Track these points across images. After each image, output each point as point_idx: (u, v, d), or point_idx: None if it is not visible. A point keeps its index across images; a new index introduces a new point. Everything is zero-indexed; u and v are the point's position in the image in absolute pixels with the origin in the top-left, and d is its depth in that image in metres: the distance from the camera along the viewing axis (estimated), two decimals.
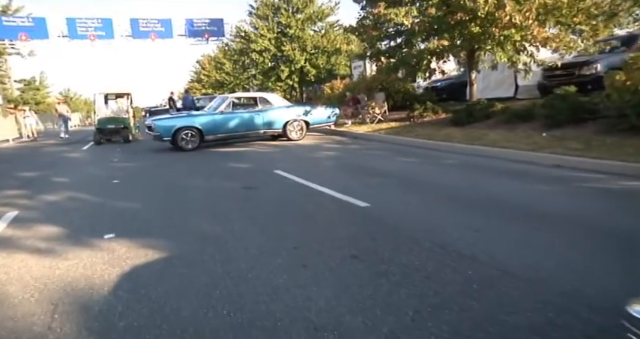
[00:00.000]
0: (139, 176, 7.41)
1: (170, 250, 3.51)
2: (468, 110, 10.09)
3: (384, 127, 11.90)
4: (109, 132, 14.18)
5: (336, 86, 19.17)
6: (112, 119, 14.47)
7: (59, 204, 5.48)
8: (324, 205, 4.76)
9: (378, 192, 5.16)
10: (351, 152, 8.95)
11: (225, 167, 7.88)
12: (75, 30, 24.50)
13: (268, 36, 22.09)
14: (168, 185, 6.40)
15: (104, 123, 14.24)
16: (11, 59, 42.79)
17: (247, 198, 5.28)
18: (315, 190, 5.41)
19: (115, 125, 14.20)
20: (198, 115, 10.79)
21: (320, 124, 11.94)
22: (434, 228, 3.71)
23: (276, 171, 6.94)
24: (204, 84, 47.65)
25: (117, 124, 14.25)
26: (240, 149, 10.37)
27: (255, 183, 6.10)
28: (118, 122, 14.33)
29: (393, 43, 10.77)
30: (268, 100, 11.43)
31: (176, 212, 4.73)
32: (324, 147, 10.12)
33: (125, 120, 14.45)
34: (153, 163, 8.93)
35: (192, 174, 7.33)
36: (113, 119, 14.47)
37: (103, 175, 7.60)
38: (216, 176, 6.94)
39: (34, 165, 9.71)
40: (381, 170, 6.66)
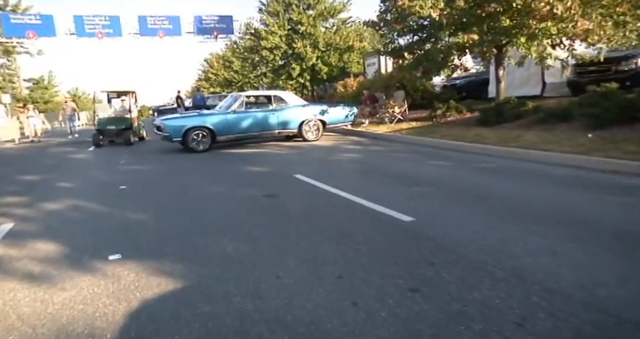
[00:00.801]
0: (148, 181, 6.86)
1: (187, 277, 2.93)
2: (497, 109, 9.42)
3: (405, 127, 11.27)
4: (109, 133, 13.17)
5: (349, 84, 18.55)
6: (113, 119, 13.53)
7: (60, 214, 4.93)
8: (359, 218, 4.15)
9: (419, 203, 4.54)
10: (374, 154, 8.34)
11: (240, 171, 7.30)
12: (82, 27, 24.11)
13: (279, 33, 21.51)
14: (180, 192, 5.83)
15: (104, 124, 13.25)
16: (20, 58, 42.83)
17: (270, 209, 4.69)
18: (345, 200, 4.81)
19: (115, 126, 13.14)
20: (209, 115, 10.23)
21: (337, 124, 11.33)
22: (500, 251, 3.09)
23: (297, 175, 6.36)
24: (212, 82, 47.23)
25: (118, 124, 13.21)
26: (254, 151, 9.80)
27: (275, 190, 5.51)
28: (120, 123, 13.29)
29: (416, 38, 10.09)
30: (283, 98, 10.84)
31: (191, 226, 4.15)
32: (343, 148, 9.51)
33: (127, 120, 13.43)
34: (162, 166, 8.38)
35: (206, 179, 6.76)
36: (114, 119, 13.53)
37: (109, 180, 7.06)
38: (232, 181, 6.36)
39: (37, 167, 9.20)
40: (413, 176, 6.04)
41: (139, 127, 14.48)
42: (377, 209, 4.31)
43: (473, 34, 8.52)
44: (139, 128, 14.29)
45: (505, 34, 8.85)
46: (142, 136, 14.49)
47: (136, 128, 13.95)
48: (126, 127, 13.18)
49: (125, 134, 13.02)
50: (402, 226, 3.81)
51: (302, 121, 10.72)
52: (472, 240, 3.34)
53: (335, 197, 4.97)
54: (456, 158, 7.23)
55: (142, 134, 14.58)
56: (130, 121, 13.39)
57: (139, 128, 14.29)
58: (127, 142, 12.87)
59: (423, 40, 10.11)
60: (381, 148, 9.00)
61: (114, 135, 13.16)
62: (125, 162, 9.18)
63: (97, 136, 12.93)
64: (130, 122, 13.38)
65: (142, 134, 14.48)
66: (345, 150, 9.23)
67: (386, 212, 4.19)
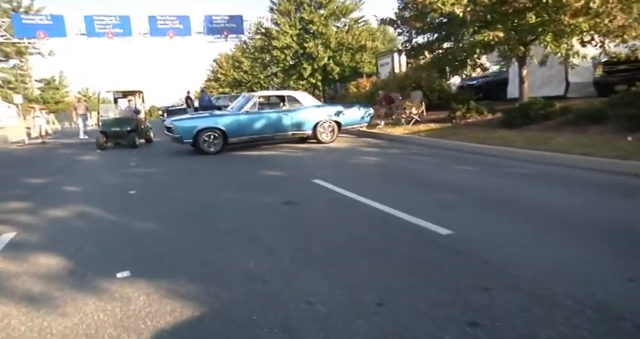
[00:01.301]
0: (159, 186, 6.53)
1: (205, 301, 2.57)
2: (522, 110, 8.98)
3: (423, 128, 10.85)
4: (113, 135, 12.36)
5: (362, 85, 18.15)
6: (118, 121, 12.75)
7: (65, 222, 4.60)
8: (391, 230, 3.76)
9: (453, 212, 4.14)
10: (394, 158, 7.94)
11: (255, 175, 6.94)
12: (93, 27, 23.99)
13: (290, 32, 21.17)
14: (192, 198, 5.48)
15: (108, 125, 12.49)
16: (32, 59, 43.08)
17: (291, 218, 4.32)
18: (372, 208, 4.43)
19: (120, 128, 12.34)
20: (221, 116, 9.90)
21: (353, 126, 10.94)
22: (563, 273, 2.69)
23: (316, 180, 5.99)
24: (221, 83, 47.05)
25: (123, 126, 12.40)
26: (267, 153, 9.44)
27: (295, 196, 5.15)
28: (125, 124, 12.48)
29: (436, 36, 9.65)
30: (297, 99, 10.48)
31: (206, 238, 3.79)
32: (360, 151, 9.12)
33: (132, 121, 12.66)
34: (174, 168, 8.06)
35: (220, 183, 6.41)
36: (119, 121, 12.74)
37: (118, 184, 6.74)
38: (248, 186, 6.00)
39: (44, 170, 8.92)
40: (441, 182, 5.63)
41: (147, 128, 13.84)
42: (408, 220, 3.92)
43: (498, 31, 8.09)
44: (146, 130, 13.66)
45: (531, 31, 8.40)
46: (150, 138, 13.83)
47: (143, 130, 13.35)
48: (131, 129, 12.44)
49: (130, 136, 12.29)
50: (439, 240, 3.41)
51: (317, 122, 10.35)
52: (524, 259, 2.94)
53: (360, 205, 4.59)
54: (483, 162, 6.81)
55: (150, 136, 13.90)
56: (136, 123, 12.74)
57: (146, 130, 13.66)
58: (131, 144, 12.13)
59: (443, 38, 9.68)
60: (401, 151, 8.60)
61: (118, 137, 12.43)
62: (135, 164, 8.87)
63: (100, 139, 12.28)
64: (136, 123, 12.71)
65: (149, 136, 13.84)
66: (362, 153, 8.85)
67: (419, 224, 3.80)
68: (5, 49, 36.26)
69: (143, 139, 13.25)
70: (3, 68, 41.06)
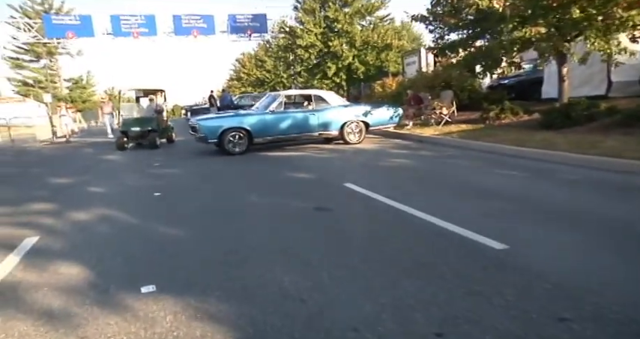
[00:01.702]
0: (184, 188, 6.33)
1: (238, 326, 2.29)
2: (563, 111, 8.44)
3: (454, 129, 10.39)
4: (134, 135, 11.89)
5: (387, 84, 17.72)
6: (139, 120, 12.27)
7: (88, 228, 4.42)
8: (437, 242, 3.41)
9: (506, 224, 3.76)
10: (427, 161, 7.55)
11: (283, 178, 6.67)
12: (119, 27, 24.27)
13: (315, 31, 20.90)
14: (219, 202, 5.24)
15: (129, 125, 12.01)
16: (61, 59, 44.16)
17: (325, 227, 4.01)
18: (412, 216, 4.09)
19: (140, 127, 11.85)
20: (246, 115, 9.68)
21: (381, 126, 10.57)
22: None
23: (348, 184, 5.67)
24: (243, 82, 47.22)
25: (143, 126, 11.91)
26: (293, 154, 9.17)
27: (327, 202, 4.85)
28: (145, 124, 11.98)
29: (471, 33, 9.18)
30: (324, 98, 10.18)
31: (235, 248, 3.52)
32: (390, 153, 8.76)
33: (153, 121, 12.09)
34: (199, 170, 7.87)
35: (246, 186, 6.16)
36: (139, 120, 12.26)
37: (143, 186, 6.58)
38: (276, 190, 5.73)
39: (69, 169, 8.88)
40: (485, 188, 5.23)
41: (169, 128, 13.48)
42: (455, 231, 3.57)
43: (539, 27, 7.58)
44: (167, 129, 13.32)
45: (574, 26, 7.87)
46: (171, 138, 13.49)
47: (165, 130, 13.03)
48: (152, 129, 11.91)
49: (151, 137, 11.77)
50: (495, 255, 3.06)
51: (344, 122, 10.03)
52: (600, 282, 2.56)
53: (399, 213, 4.25)
54: (527, 167, 6.36)
55: (172, 136, 13.53)
56: (157, 122, 12.18)
57: (167, 129, 13.32)
58: (152, 145, 11.65)
59: (478, 35, 9.20)
60: (433, 153, 8.20)
61: (139, 137, 11.94)
62: (159, 164, 8.74)
63: (120, 139, 11.89)
64: (157, 123, 12.15)
65: (171, 136, 13.46)
66: (393, 155, 8.48)
67: (468, 235, 3.44)
68: (37, 49, 37.24)
69: (164, 139, 12.98)
70: (34, 68, 42.25)
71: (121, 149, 11.61)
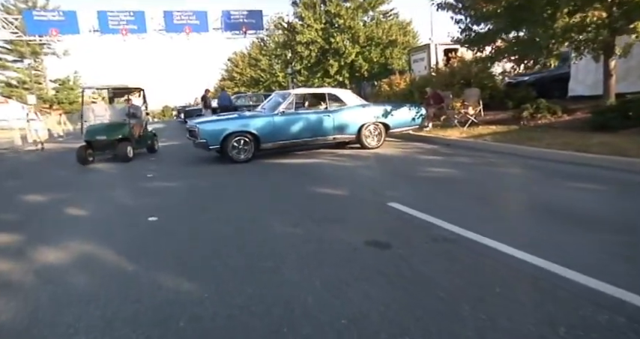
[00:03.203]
0: (185, 208, 5.11)
1: None
2: (620, 110, 7.37)
3: (485, 132, 9.29)
4: (99, 146, 9.47)
5: (395, 82, 16.61)
6: (106, 127, 9.78)
7: (58, 277, 3.20)
8: (568, 303, 2.26)
9: (625, 267, 2.63)
10: (471, 170, 6.41)
11: (307, 194, 5.47)
12: (106, 24, 22.98)
13: (315, 26, 19.71)
14: (232, 231, 4.04)
15: (93, 132, 9.56)
16: (47, 59, 42.48)
17: (395, 276, 2.83)
18: (510, 258, 2.95)
19: (107, 136, 9.40)
20: (252, 117, 8.46)
21: (402, 128, 9.43)
22: None
23: (392, 204, 4.52)
24: (236, 82, 45.84)
25: (111, 134, 9.49)
26: (306, 162, 7.98)
27: (377, 232, 3.69)
28: (114, 131, 9.57)
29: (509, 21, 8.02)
30: (339, 97, 9.00)
31: (269, 315, 2.34)
32: (421, 160, 7.61)
33: (124, 128, 9.66)
34: (199, 182, 6.65)
35: (263, 205, 4.96)
36: (107, 127, 9.78)
37: (134, 206, 5.34)
38: (305, 213, 4.53)
39: (47, 183, 7.55)
40: (574, 210, 4.08)
41: (148, 135, 11.03)
42: (596, 288, 2.43)
43: (599, 10, 6.49)
44: (147, 137, 10.89)
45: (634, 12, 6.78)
46: (153, 147, 11.08)
47: (144, 137, 10.65)
48: (123, 138, 9.53)
49: (121, 147, 9.32)
50: None
51: (362, 124, 8.87)
52: None
53: (488, 252, 3.10)
54: (602, 178, 5.25)
55: (154, 144, 11.13)
56: (129, 129, 9.73)
57: (147, 137, 10.89)
58: (122, 157, 9.28)
59: (518, 23, 8.07)
60: (473, 161, 7.07)
61: (106, 147, 9.54)
62: (152, 175, 7.48)
63: (82, 150, 9.26)
64: (129, 130, 9.73)
65: (152, 144, 11.05)
66: (425, 162, 7.33)
67: (609, 292, 2.31)
68: (20, 49, 35.62)
69: (144, 148, 10.76)
70: (18, 68, 40.52)
71: (83, 163, 9.16)
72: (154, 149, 11.08)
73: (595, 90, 11.75)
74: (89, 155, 9.36)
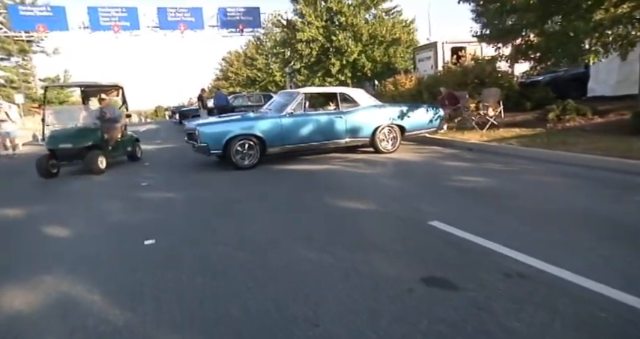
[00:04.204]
0: (188, 229, 4.34)
1: None
2: None
3: (508, 135, 8.60)
4: (64, 155, 7.81)
5: (401, 82, 15.91)
6: (72, 133, 8.07)
7: (28, 328, 2.43)
8: None
9: None
10: (506, 178, 5.70)
11: (328, 209, 4.70)
12: (97, 20, 22.06)
13: (316, 24, 18.96)
14: (250, 262, 3.30)
15: (56, 139, 7.89)
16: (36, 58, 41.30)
17: (474, 331, 2.11)
18: (612, 302, 2.23)
19: (73, 144, 7.78)
20: (258, 119, 7.69)
21: (419, 131, 8.72)
22: None
23: (434, 223, 3.82)
24: (231, 82, 44.94)
25: (78, 141, 7.85)
26: (318, 168, 7.25)
27: (430, 263, 2.97)
28: (82, 138, 7.93)
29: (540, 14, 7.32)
30: (352, 97, 8.26)
31: None
32: (444, 166, 6.90)
33: (94, 134, 8.09)
34: (201, 193, 5.88)
35: (284, 225, 4.20)
36: (74, 133, 8.07)
37: (127, 224, 4.56)
38: (331, 235, 3.78)
39: (25, 194, 6.71)
40: None
41: (128, 141, 9.30)
42: None
43: None
44: (127, 143, 9.17)
45: None
46: (135, 154, 9.51)
47: (122, 144, 8.98)
48: (93, 145, 7.98)
49: (90, 156, 7.74)
50: None
51: (377, 127, 8.15)
52: None
53: (578, 291, 2.39)
54: None
55: (136, 151, 9.53)
56: (101, 135, 8.18)
57: (127, 143, 9.17)
58: (91, 168, 7.72)
59: (548, 16, 7.38)
60: (506, 168, 6.36)
61: (72, 157, 7.87)
62: (148, 184, 6.70)
63: (44, 161, 7.69)
64: (101, 136, 8.18)
65: (134, 151, 9.44)
66: (451, 169, 6.62)
67: None
68: (7, 46, 34.48)
69: (124, 156, 9.24)
70: (5, 67, 39.31)
71: (45, 175, 7.63)
72: (135, 157, 9.49)
73: (618, 90, 11.12)
74: (52, 166, 7.75)
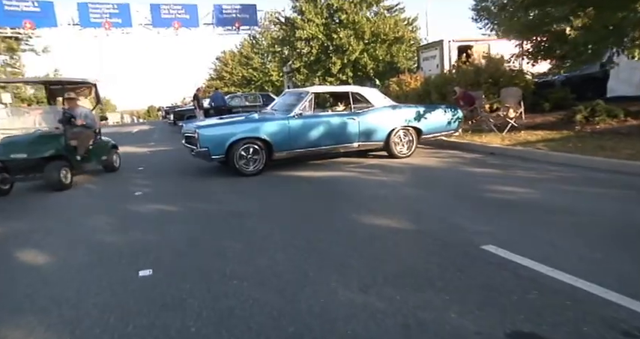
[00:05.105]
0: (192, 254, 3.63)
1: None
2: None
3: (532, 138, 7.98)
4: (19, 167, 6.35)
5: (406, 82, 15.29)
6: (31, 141, 6.56)
7: None
8: None
9: None
10: (547, 188, 5.04)
11: (357, 229, 3.98)
12: (87, 16, 21.20)
13: (316, 21, 18.28)
14: (278, 305, 2.60)
15: (8, 148, 6.39)
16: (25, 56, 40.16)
17: None
18: None
19: (27, 154, 6.29)
20: (263, 121, 6.99)
21: (436, 134, 8.06)
22: None
23: (488, 248, 3.18)
24: (226, 82, 44.08)
25: (35, 150, 6.35)
26: (331, 175, 6.56)
27: (504, 307, 2.29)
28: (40, 146, 6.46)
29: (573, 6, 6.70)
30: (365, 97, 7.59)
31: None
32: (471, 174, 6.23)
33: (56, 141, 6.59)
34: (206, 206, 5.15)
35: (308, 252, 3.49)
36: (32, 141, 6.56)
37: (116, 248, 3.82)
38: (369, 265, 3.09)
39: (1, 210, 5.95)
40: None
41: (103, 148, 7.74)
42: None
43: None
44: (100, 151, 7.60)
45: None
46: (112, 164, 7.91)
47: (95, 152, 7.39)
48: (56, 155, 6.45)
49: (50, 169, 6.24)
50: None
51: (391, 129, 7.49)
52: None
53: None
54: None
55: (112, 160, 7.90)
56: (65, 143, 6.64)
57: (100, 151, 7.60)
58: (51, 184, 6.27)
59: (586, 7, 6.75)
60: (540, 175, 5.72)
61: (29, 170, 6.36)
62: (142, 193, 5.97)
63: None
64: (66, 144, 6.67)
65: (110, 160, 7.85)
66: (479, 177, 5.95)
67: None
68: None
69: (99, 166, 7.69)
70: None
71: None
72: (113, 167, 7.93)
73: (629, 93, 10.60)
74: (3, 181, 6.26)
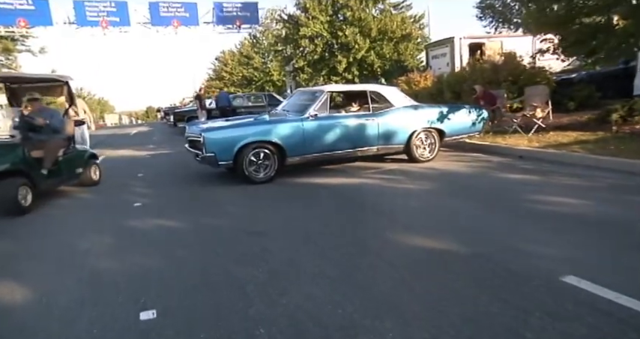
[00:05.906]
0: (203, 287, 3.02)
1: None
2: None
3: (562, 140, 7.38)
4: None
5: (414, 81, 14.70)
6: None
7: None
8: None
9: None
10: (602, 198, 4.44)
11: (395, 250, 3.38)
12: (84, 15, 20.52)
13: (321, 19, 17.67)
14: None
15: None
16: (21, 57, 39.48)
17: None
18: None
19: None
20: (275, 122, 6.35)
21: (459, 136, 7.46)
22: None
23: (570, 280, 2.59)
24: (225, 82, 43.42)
25: None
26: (350, 182, 5.95)
27: None
28: None
29: None
30: (384, 96, 6.97)
31: None
32: (504, 181, 5.62)
33: (13, 152, 5.31)
34: (216, 222, 4.53)
35: (348, 286, 2.88)
36: None
37: (112, 279, 3.21)
38: (426, 306, 2.49)
39: None
40: None
41: (79, 159, 6.51)
42: None
43: None
44: (74, 162, 6.32)
45: None
46: (91, 178, 6.70)
47: (64, 164, 5.98)
48: (12, 169, 5.14)
49: (3, 189, 4.95)
50: None
51: (412, 131, 6.88)
52: None
53: None
54: None
55: (90, 173, 6.68)
56: (23, 155, 5.35)
57: (74, 162, 6.32)
58: (7, 207, 5.01)
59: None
60: (587, 183, 5.12)
61: None
62: (142, 204, 5.35)
63: None
64: (24, 157, 5.34)
65: (87, 174, 6.58)
66: (517, 185, 5.33)
67: None
68: None
69: (73, 180, 6.35)
70: None
71: None
72: (92, 182, 6.71)
73: None
74: None
